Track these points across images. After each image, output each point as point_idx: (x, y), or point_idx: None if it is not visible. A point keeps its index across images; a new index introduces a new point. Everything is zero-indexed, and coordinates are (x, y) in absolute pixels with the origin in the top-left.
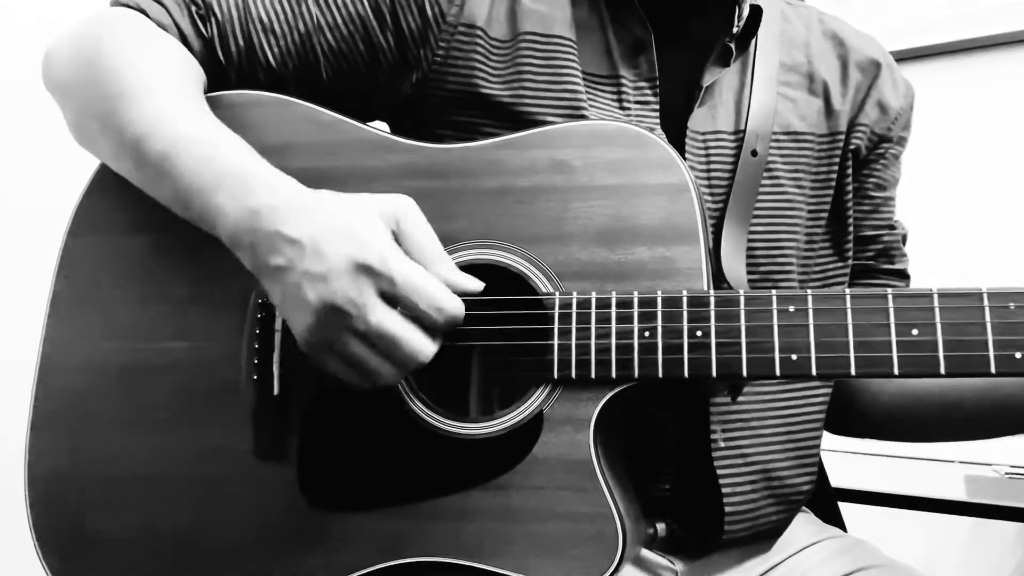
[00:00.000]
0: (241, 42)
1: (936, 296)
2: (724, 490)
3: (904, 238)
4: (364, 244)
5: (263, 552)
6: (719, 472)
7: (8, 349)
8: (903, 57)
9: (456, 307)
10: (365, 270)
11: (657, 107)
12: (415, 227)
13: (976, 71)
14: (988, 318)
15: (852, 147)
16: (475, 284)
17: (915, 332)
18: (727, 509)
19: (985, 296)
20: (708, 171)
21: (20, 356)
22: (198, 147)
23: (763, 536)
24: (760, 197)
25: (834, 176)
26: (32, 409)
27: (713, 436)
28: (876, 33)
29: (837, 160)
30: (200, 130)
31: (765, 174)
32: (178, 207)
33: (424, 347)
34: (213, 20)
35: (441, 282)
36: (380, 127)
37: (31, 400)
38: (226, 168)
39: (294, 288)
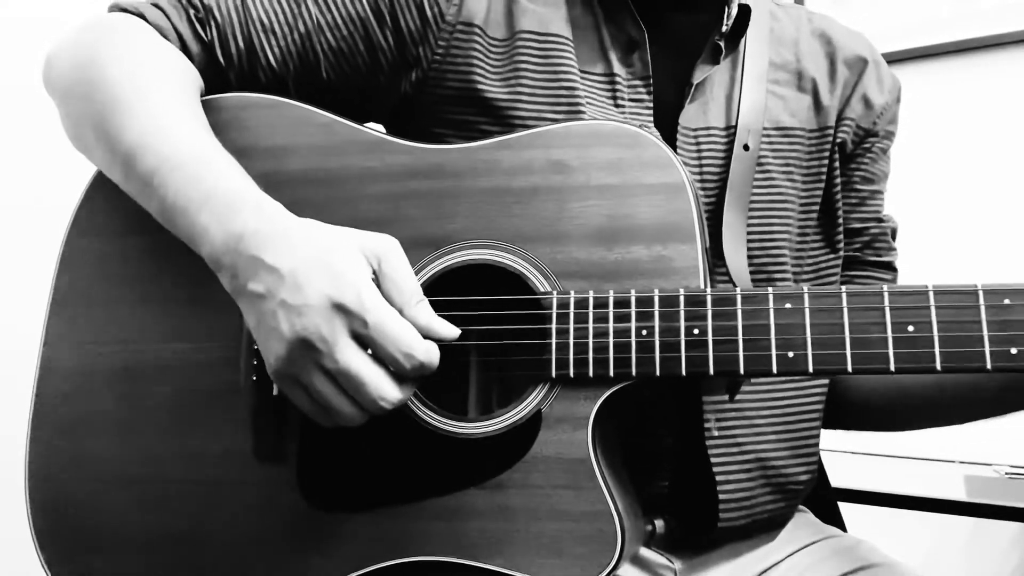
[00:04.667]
0: (241, 44)
1: (932, 293)
2: (718, 478)
3: (894, 232)
4: (342, 282)
5: (262, 552)
6: (712, 460)
7: (9, 350)
8: (902, 57)
9: (426, 353)
10: (340, 309)
11: (651, 104)
12: (395, 268)
13: (976, 71)
14: (983, 314)
15: (839, 140)
16: (451, 331)
17: (911, 328)
18: (721, 497)
19: (980, 292)
20: (700, 166)
21: (21, 357)
22: (187, 165)
23: (761, 527)
24: (753, 192)
25: (824, 170)
26: (32, 410)
27: (707, 425)
28: (874, 33)
29: (827, 154)
30: (191, 148)
31: (757, 169)
32: (164, 222)
33: (387, 392)
34: (212, 23)
35: (414, 328)
36: (377, 128)
37: (32, 401)
38: (213, 189)
39: (270, 316)
